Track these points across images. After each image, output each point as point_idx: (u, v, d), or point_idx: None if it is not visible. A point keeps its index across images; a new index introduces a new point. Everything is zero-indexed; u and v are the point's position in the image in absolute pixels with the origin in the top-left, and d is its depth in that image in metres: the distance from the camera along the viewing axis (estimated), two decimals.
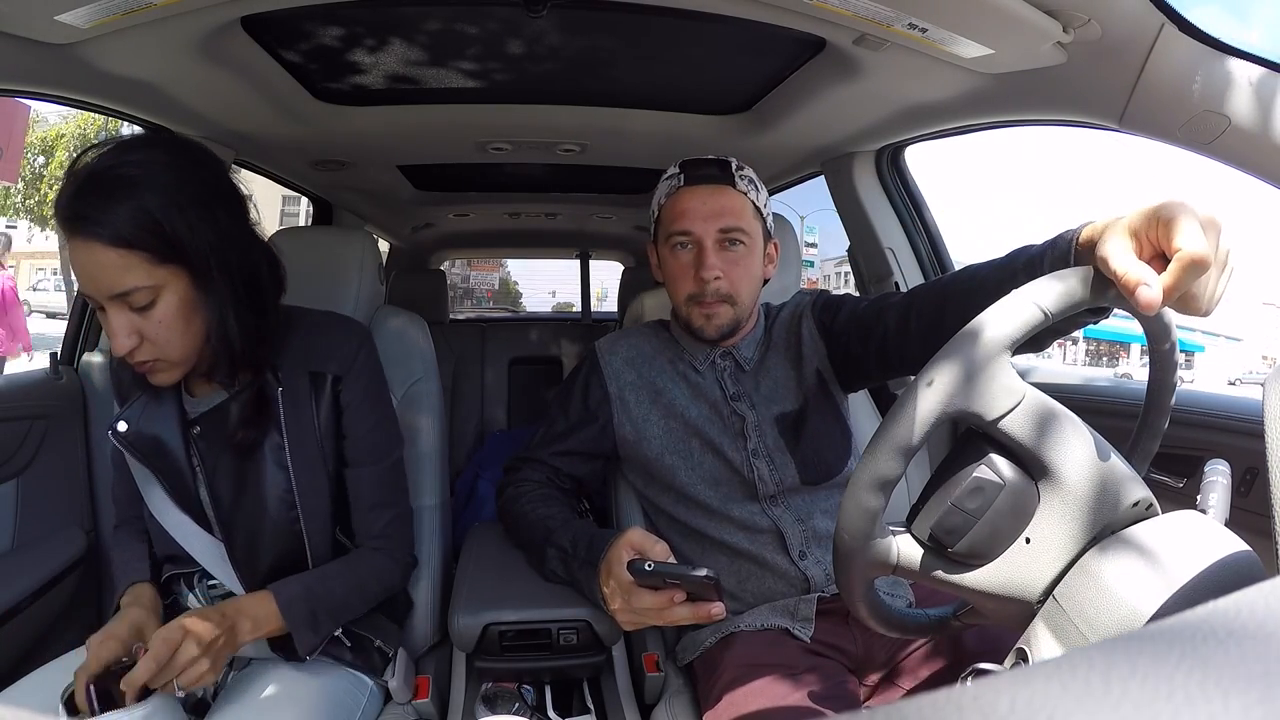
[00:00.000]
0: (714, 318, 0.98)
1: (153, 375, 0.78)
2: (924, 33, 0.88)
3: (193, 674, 0.69)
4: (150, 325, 0.73)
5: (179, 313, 0.74)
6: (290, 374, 0.85)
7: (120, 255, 0.69)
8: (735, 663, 0.86)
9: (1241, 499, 0.81)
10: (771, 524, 0.96)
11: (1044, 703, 0.14)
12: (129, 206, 0.69)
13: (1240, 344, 29.92)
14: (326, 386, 0.87)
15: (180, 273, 0.74)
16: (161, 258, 0.71)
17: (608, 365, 1.06)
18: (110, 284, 0.70)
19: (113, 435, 0.84)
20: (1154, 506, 0.53)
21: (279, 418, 0.83)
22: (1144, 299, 0.47)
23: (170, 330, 0.74)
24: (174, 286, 0.74)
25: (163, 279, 0.72)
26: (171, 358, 0.76)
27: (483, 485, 1.95)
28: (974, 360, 0.50)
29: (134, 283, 0.71)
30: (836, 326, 1.00)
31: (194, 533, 0.84)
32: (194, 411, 0.85)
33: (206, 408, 0.85)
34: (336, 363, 0.87)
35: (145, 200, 0.70)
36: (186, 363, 0.79)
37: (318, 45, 1.09)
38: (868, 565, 0.56)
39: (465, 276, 17.33)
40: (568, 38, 1.10)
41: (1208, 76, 0.77)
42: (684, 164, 1.00)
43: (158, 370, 0.77)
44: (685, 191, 0.98)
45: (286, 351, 0.86)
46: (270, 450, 0.83)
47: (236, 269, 0.78)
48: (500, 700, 0.89)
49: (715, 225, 0.96)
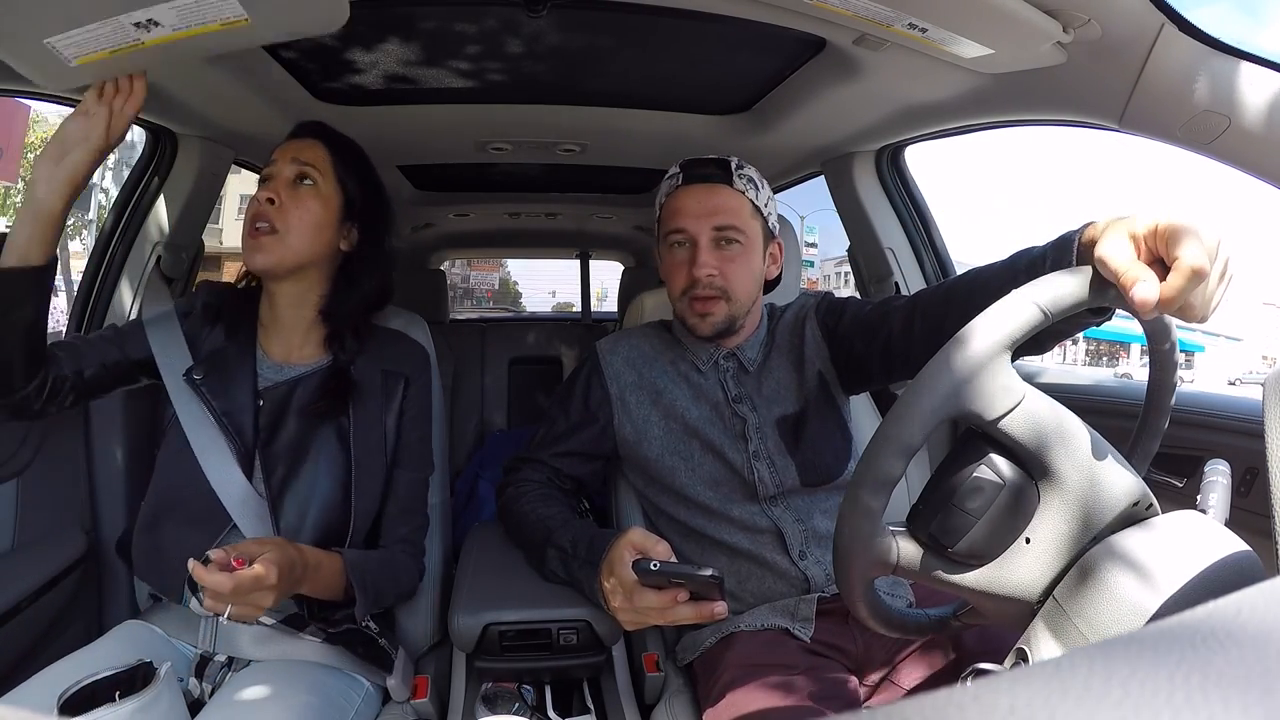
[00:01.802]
0: (708, 315, 0.98)
1: (256, 250, 0.87)
2: (924, 33, 0.88)
3: (249, 611, 0.70)
4: (295, 200, 0.89)
5: (320, 211, 0.90)
6: (364, 367, 0.95)
7: (323, 152, 0.92)
8: (735, 663, 0.86)
9: (1241, 499, 0.81)
10: (771, 524, 0.96)
11: (1044, 703, 0.14)
12: (357, 154, 0.97)
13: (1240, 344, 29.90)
14: (400, 386, 0.97)
15: (338, 195, 0.92)
16: (339, 177, 0.92)
17: (608, 366, 1.06)
18: (302, 154, 0.91)
19: (186, 379, 0.89)
20: (1154, 506, 0.53)
21: (347, 404, 0.91)
22: (1140, 297, 0.47)
23: (306, 213, 0.89)
24: (330, 195, 0.91)
25: (329, 185, 0.91)
26: (288, 237, 0.87)
27: (483, 485, 1.95)
28: (973, 360, 0.50)
29: (309, 157, 0.91)
30: (841, 329, 1.00)
31: (240, 487, 0.86)
32: (265, 378, 0.92)
33: (278, 378, 0.92)
34: (410, 367, 0.99)
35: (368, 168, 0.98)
36: (291, 254, 0.88)
37: (318, 45, 1.09)
38: (868, 565, 0.56)
39: (465, 276, 17.34)
40: (567, 37, 1.10)
41: (1208, 76, 0.77)
42: (684, 163, 1.00)
43: (264, 245, 0.87)
44: (683, 190, 0.99)
45: (362, 353, 0.96)
46: (336, 432, 0.90)
47: (373, 251, 0.97)
48: (500, 700, 0.89)
49: (709, 223, 0.96)
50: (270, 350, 0.95)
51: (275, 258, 0.88)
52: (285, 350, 0.95)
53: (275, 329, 0.95)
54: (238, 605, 0.68)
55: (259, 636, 0.86)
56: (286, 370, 0.93)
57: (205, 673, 0.85)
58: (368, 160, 0.98)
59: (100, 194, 9.55)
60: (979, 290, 0.78)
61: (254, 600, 0.69)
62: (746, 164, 1.00)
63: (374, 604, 0.88)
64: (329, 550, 0.85)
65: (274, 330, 0.95)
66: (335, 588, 0.84)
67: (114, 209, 1.38)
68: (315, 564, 0.80)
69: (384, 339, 1.01)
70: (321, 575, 0.81)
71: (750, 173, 1.00)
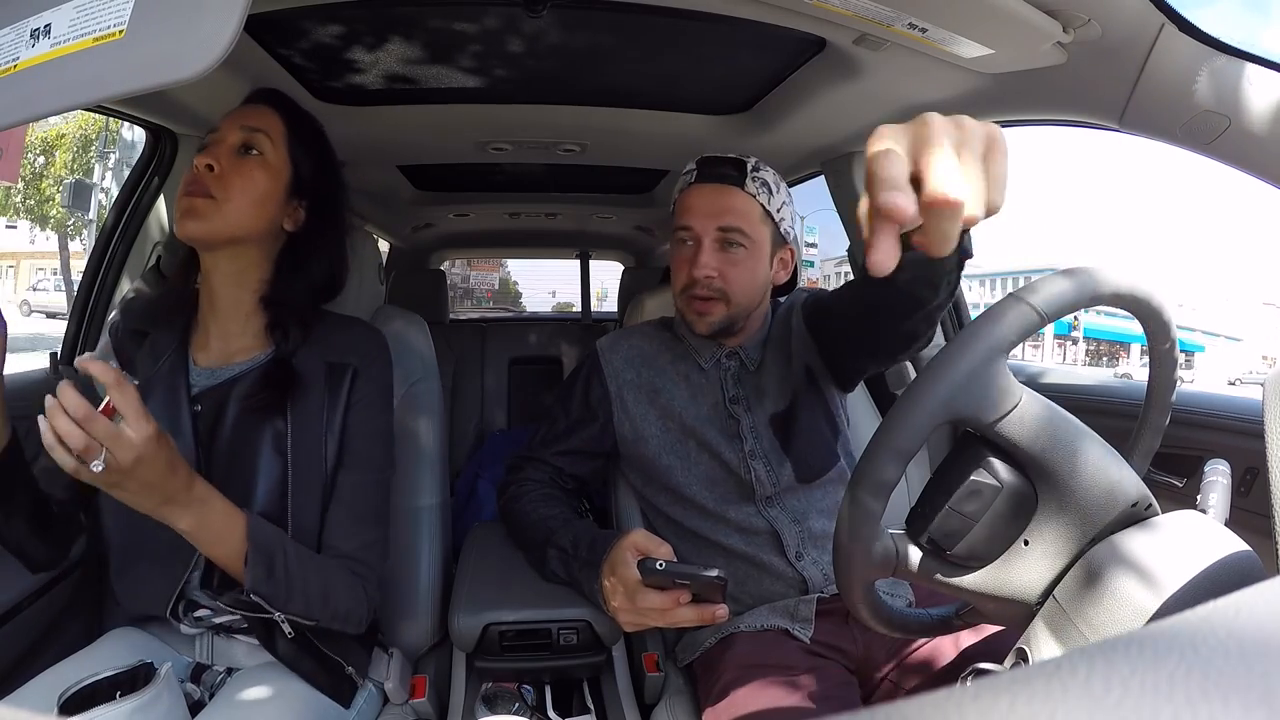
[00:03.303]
0: (705, 314, 0.98)
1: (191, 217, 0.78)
2: (924, 33, 0.88)
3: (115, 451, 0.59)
4: (238, 171, 0.80)
5: (265, 183, 0.82)
6: (307, 359, 0.84)
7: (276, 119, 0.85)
8: (735, 663, 0.86)
9: (1241, 499, 0.81)
10: (768, 525, 0.96)
11: (1044, 703, 0.14)
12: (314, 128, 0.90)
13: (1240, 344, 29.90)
14: (345, 380, 0.85)
15: (287, 168, 0.84)
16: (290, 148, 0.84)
17: (608, 364, 1.06)
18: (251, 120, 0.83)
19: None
20: (1154, 506, 0.53)
21: (285, 404, 0.81)
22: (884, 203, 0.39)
23: (249, 183, 0.80)
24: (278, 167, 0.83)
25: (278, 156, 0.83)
26: (226, 207, 0.79)
27: (483, 485, 1.95)
28: (971, 364, 0.50)
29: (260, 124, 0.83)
30: (821, 319, 1.02)
31: None
32: (199, 385, 0.83)
33: (213, 382, 0.83)
34: (358, 357, 0.87)
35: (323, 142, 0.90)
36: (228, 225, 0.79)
37: (318, 45, 1.09)
38: (867, 568, 0.56)
39: (465, 276, 17.33)
40: (568, 37, 1.10)
41: (1208, 76, 0.77)
42: (701, 161, 1.01)
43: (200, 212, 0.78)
44: (695, 188, 0.99)
45: (306, 342, 0.86)
46: (271, 436, 0.81)
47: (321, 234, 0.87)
48: (500, 700, 0.89)
49: (715, 223, 0.96)
50: (206, 354, 0.85)
51: (209, 226, 0.78)
52: (223, 345, 0.85)
53: (212, 318, 0.85)
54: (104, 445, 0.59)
55: (253, 650, 0.84)
56: (221, 373, 0.84)
57: (203, 679, 0.85)
58: (325, 137, 0.91)
59: (100, 194, 9.56)
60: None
61: (116, 452, 0.60)
62: (765, 166, 1.00)
63: (286, 595, 0.73)
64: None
65: (210, 321, 0.85)
66: (231, 545, 0.71)
67: (114, 208, 1.38)
68: (204, 497, 0.69)
69: (332, 326, 0.89)
70: (213, 514, 0.70)
71: (766, 176, 0.99)
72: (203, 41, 0.46)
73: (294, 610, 0.75)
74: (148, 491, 0.64)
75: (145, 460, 0.61)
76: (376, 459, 0.87)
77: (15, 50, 0.63)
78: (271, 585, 0.72)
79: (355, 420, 0.85)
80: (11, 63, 0.66)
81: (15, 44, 0.63)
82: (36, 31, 0.63)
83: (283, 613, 0.74)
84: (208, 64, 0.46)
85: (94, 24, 0.59)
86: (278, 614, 0.74)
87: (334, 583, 0.79)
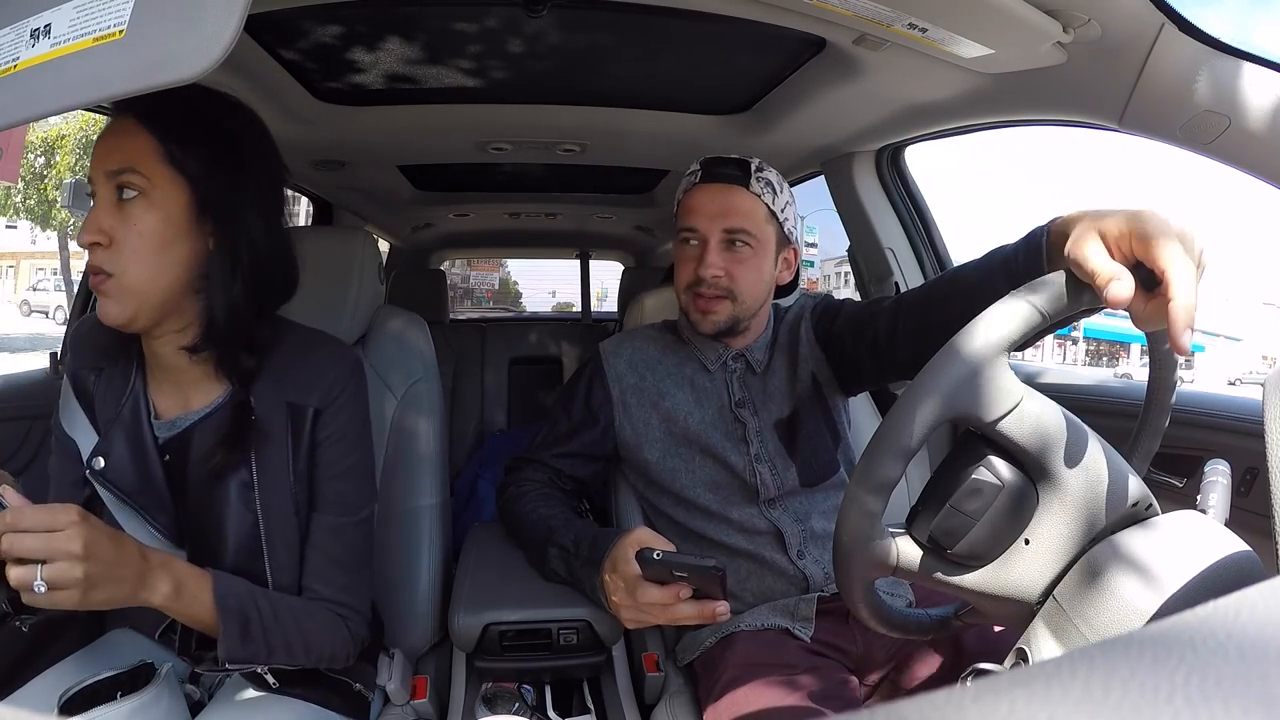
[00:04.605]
0: (710, 313, 0.98)
1: (102, 299, 0.67)
2: (924, 33, 0.88)
3: (57, 572, 0.54)
4: (125, 227, 0.66)
5: (160, 227, 0.67)
6: (266, 401, 0.75)
7: (143, 137, 0.66)
8: (735, 662, 0.86)
9: (1241, 499, 0.81)
10: (770, 525, 0.96)
11: (1043, 704, 0.14)
12: (190, 108, 0.68)
13: (1240, 344, 29.88)
14: (306, 422, 0.76)
15: (180, 189, 0.67)
16: (174, 162, 0.67)
17: (611, 368, 1.06)
18: (112, 160, 0.66)
19: (91, 475, 0.73)
20: (1154, 506, 0.53)
21: (249, 453, 0.73)
22: (1113, 295, 0.47)
23: (142, 240, 0.66)
24: (168, 197, 0.67)
25: (162, 181, 0.66)
26: (128, 280, 0.66)
27: (483, 486, 1.95)
28: (972, 362, 0.50)
29: (123, 160, 0.65)
30: (835, 330, 1.01)
31: None
32: (163, 436, 0.75)
33: (175, 431, 0.75)
34: (319, 394, 0.77)
35: (211, 113, 0.70)
36: (141, 298, 0.67)
37: (318, 45, 1.09)
38: (868, 567, 0.56)
39: (465, 276, 17.32)
40: (568, 37, 1.10)
41: (1208, 76, 0.77)
42: (705, 161, 1.00)
43: (108, 294, 0.66)
44: (699, 189, 0.99)
45: (266, 371, 0.76)
46: (237, 489, 0.73)
47: (250, 239, 0.71)
48: (500, 700, 0.89)
49: (720, 224, 0.96)
50: (162, 403, 0.77)
51: (123, 309, 0.67)
52: (178, 391, 0.76)
53: (163, 374, 0.76)
54: (45, 569, 0.54)
55: None
56: (181, 421, 0.76)
57: (202, 680, 0.85)
58: (221, 106, 0.72)
59: None
60: (958, 291, 0.80)
61: (58, 570, 0.55)
62: (769, 167, 1.00)
63: (266, 651, 0.69)
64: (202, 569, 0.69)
65: (161, 374, 0.77)
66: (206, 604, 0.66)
67: None
68: (177, 575, 0.64)
69: (294, 353, 0.78)
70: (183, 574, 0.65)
71: (770, 176, 0.99)
72: (203, 41, 0.45)
73: (276, 661, 0.72)
74: (116, 578, 0.59)
75: (92, 541, 0.56)
76: (350, 499, 0.79)
77: (15, 50, 0.63)
78: (248, 646, 0.68)
79: (324, 461, 0.77)
80: (11, 63, 0.66)
81: (15, 44, 0.63)
82: (36, 31, 0.62)
83: (263, 665, 0.72)
84: (208, 64, 0.45)
85: (94, 24, 0.59)
86: (260, 667, 0.73)
87: (314, 628, 0.74)
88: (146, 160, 0.66)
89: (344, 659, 0.78)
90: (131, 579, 0.60)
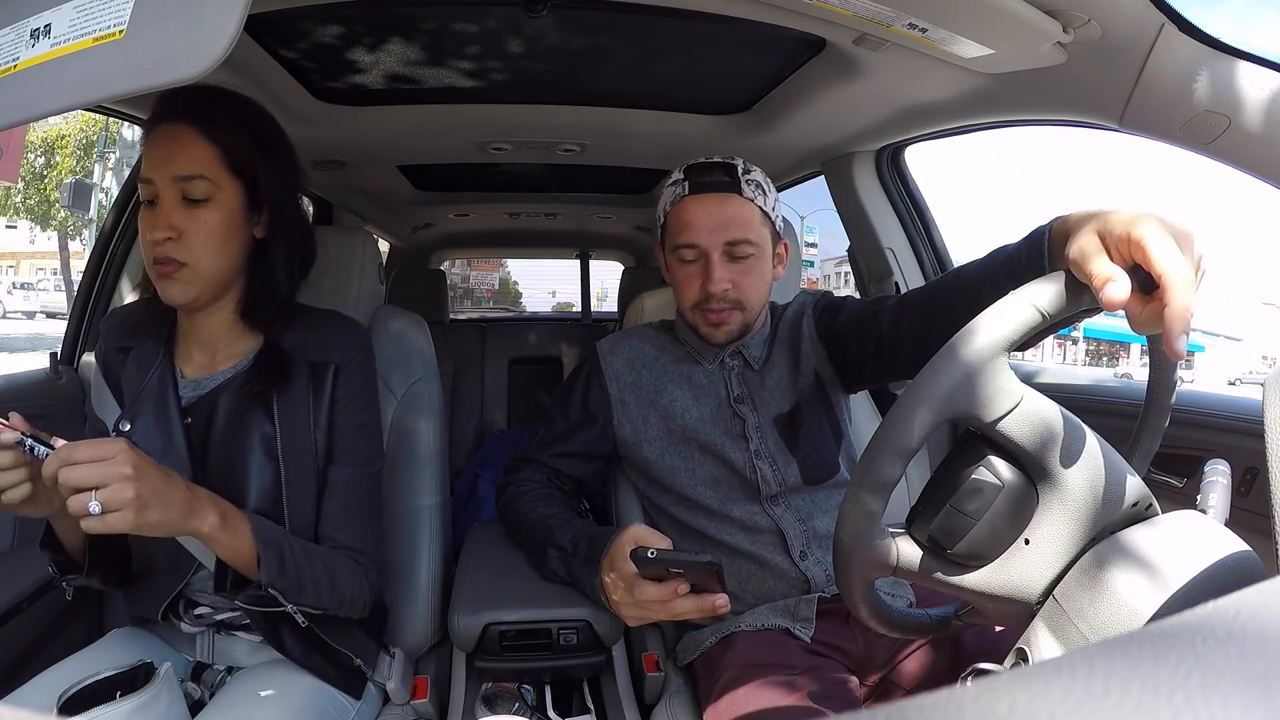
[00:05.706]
0: (722, 325, 0.97)
1: (168, 283, 0.77)
2: (924, 33, 0.88)
3: (111, 494, 0.58)
4: (194, 224, 0.76)
5: (225, 223, 0.78)
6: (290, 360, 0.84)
7: (204, 145, 0.76)
8: (736, 663, 0.86)
9: (1241, 499, 0.81)
10: (772, 524, 0.96)
11: (1044, 704, 0.14)
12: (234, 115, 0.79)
13: (1240, 344, 29.87)
14: (328, 378, 0.85)
15: (239, 190, 0.79)
16: (234, 168, 0.78)
17: (609, 367, 1.06)
18: (180, 167, 0.76)
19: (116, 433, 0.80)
20: (1154, 506, 0.53)
21: (272, 405, 0.82)
22: (1108, 297, 0.47)
23: (211, 235, 0.77)
24: (230, 198, 0.78)
25: (225, 185, 0.78)
26: (201, 267, 0.77)
27: (483, 485, 1.95)
28: (972, 362, 0.50)
29: (191, 168, 0.76)
30: (837, 328, 1.00)
31: None
32: (187, 397, 0.83)
33: (200, 392, 0.83)
34: (338, 355, 0.86)
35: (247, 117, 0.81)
36: (208, 282, 0.79)
37: (318, 45, 1.09)
38: (868, 567, 0.56)
39: (465, 276, 17.32)
40: (567, 37, 1.10)
41: (1208, 76, 0.77)
42: (689, 169, 0.97)
43: (177, 279, 0.77)
44: (691, 200, 0.96)
45: (288, 339, 0.85)
46: (261, 440, 0.81)
47: (290, 222, 0.85)
48: (500, 700, 0.89)
49: (722, 238, 0.94)
50: (190, 365, 0.85)
51: (194, 290, 0.78)
52: (208, 356, 0.85)
53: (194, 335, 0.86)
54: (101, 492, 0.58)
55: (254, 648, 0.85)
56: (207, 382, 0.84)
57: (203, 678, 0.85)
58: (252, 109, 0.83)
59: (100, 193, 9.56)
60: (961, 291, 0.80)
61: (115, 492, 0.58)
62: (753, 166, 0.98)
63: (298, 588, 0.74)
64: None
65: (193, 336, 0.86)
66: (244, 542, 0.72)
67: (114, 208, 1.38)
68: (221, 508, 0.70)
69: (311, 324, 0.88)
70: (226, 510, 0.71)
71: (757, 176, 0.98)
72: (203, 41, 0.45)
73: (305, 601, 0.76)
74: (165, 501, 0.63)
75: (140, 465, 0.61)
76: (364, 453, 0.88)
77: (15, 50, 0.63)
78: (284, 578, 0.73)
79: (342, 417, 0.86)
80: (11, 63, 0.66)
81: (15, 44, 0.63)
82: (36, 31, 0.62)
83: (295, 604, 0.75)
84: (208, 64, 0.46)
85: (94, 24, 0.59)
86: (290, 606, 0.75)
87: (337, 570, 0.81)
88: (212, 167, 0.77)
89: (362, 607, 0.84)
90: (180, 505, 0.65)
